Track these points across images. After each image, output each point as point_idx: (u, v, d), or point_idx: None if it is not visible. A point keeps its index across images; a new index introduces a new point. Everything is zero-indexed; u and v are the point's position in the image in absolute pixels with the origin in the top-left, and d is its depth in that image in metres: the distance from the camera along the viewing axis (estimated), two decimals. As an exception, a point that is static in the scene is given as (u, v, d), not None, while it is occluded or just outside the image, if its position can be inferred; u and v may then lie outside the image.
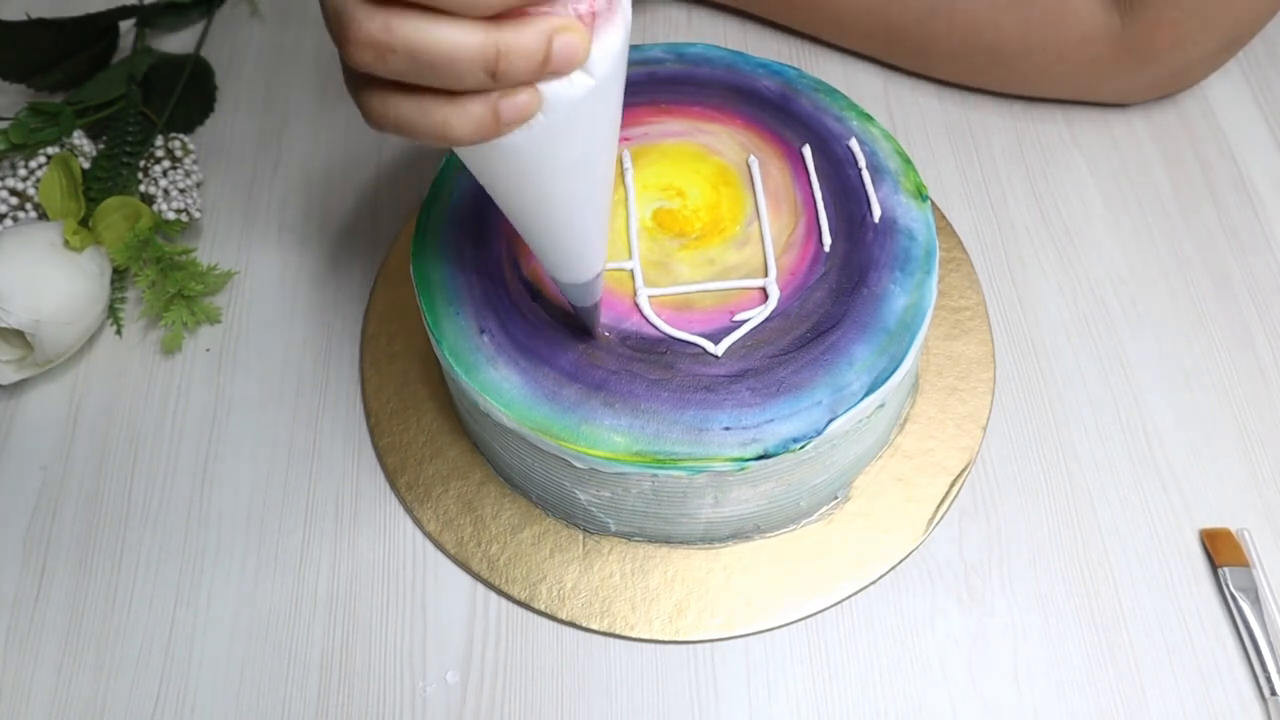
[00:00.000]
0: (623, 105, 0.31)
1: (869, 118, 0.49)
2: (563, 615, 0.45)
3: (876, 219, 0.45)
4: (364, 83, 0.28)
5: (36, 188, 0.53)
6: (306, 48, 0.64)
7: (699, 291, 0.44)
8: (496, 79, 0.26)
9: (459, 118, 0.27)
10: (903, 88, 0.61)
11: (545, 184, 0.31)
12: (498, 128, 0.27)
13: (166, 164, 0.56)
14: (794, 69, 0.51)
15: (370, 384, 0.51)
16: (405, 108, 0.27)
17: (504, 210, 0.33)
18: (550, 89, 0.27)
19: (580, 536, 0.46)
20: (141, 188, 0.55)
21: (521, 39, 0.26)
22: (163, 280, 0.52)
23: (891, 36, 0.59)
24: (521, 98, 0.27)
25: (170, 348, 0.53)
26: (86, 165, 0.55)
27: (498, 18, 0.26)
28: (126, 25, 0.63)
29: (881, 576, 0.46)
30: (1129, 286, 0.54)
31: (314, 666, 0.45)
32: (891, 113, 0.60)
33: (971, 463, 0.48)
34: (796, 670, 0.44)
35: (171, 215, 0.54)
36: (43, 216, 0.54)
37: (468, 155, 0.30)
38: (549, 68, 0.27)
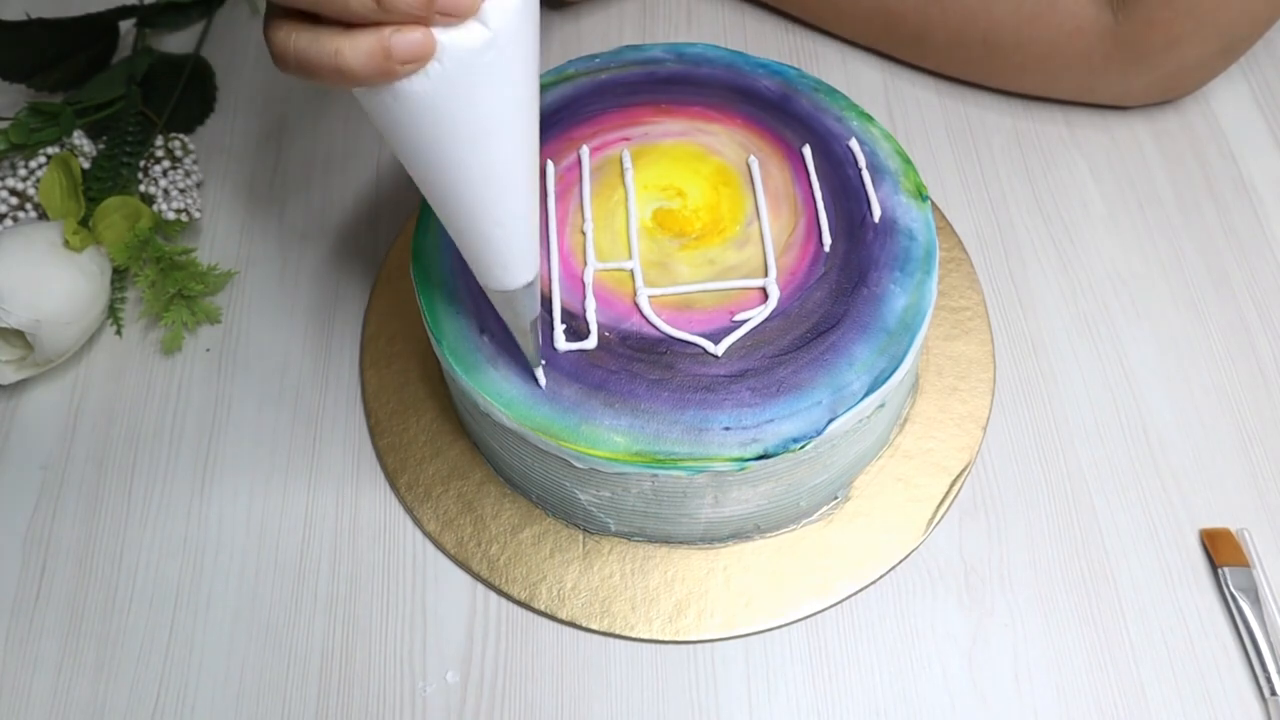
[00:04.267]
0: (536, 84, 0.32)
1: (869, 118, 0.49)
2: (563, 615, 0.45)
3: (876, 219, 0.45)
4: (272, 20, 0.29)
5: (36, 188, 0.53)
6: (306, 48, 0.64)
7: (699, 291, 0.44)
8: (383, 6, 0.27)
9: (351, 49, 0.28)
10: (903, 88, 0.61)
11: (451, 150, 0.31)
12: (390, 64, 0.28)
13: (166, 164, 0.56)
14: (794, 69, 0.51)
15: (370, 384, 0.51)
16: (304, 40, 0.28)
17: (421, 189, 0.33)
18: (445, 37, 0.28)
19: (580, 536, 0.46)
20: (141, 188, 0.55)
21: None
22: (163, 280, 0.52)
23: (889, 23, 0.60)
24: (414, 35, 0.28)
25: (170, 348, 0.53)
26: (86, 165, 0.55)
27: None
28: (126, 25, 0.63)
29: (881, 577, 0.46)
30: (1129, 286, 0.54)
31: (314, 666, 0.45)
32: (891, 113, 0.60)
33: (971, 463, 0.48)
34: (796, 670, 0.44)
35: (171, 215, 0.54)
36: (43, 216, 0.54)
37: (371, 106, 0.30)
38: (437, 6, 0.28)
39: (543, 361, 0.41)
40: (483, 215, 0.33)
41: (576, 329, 0.43)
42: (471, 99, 0.30)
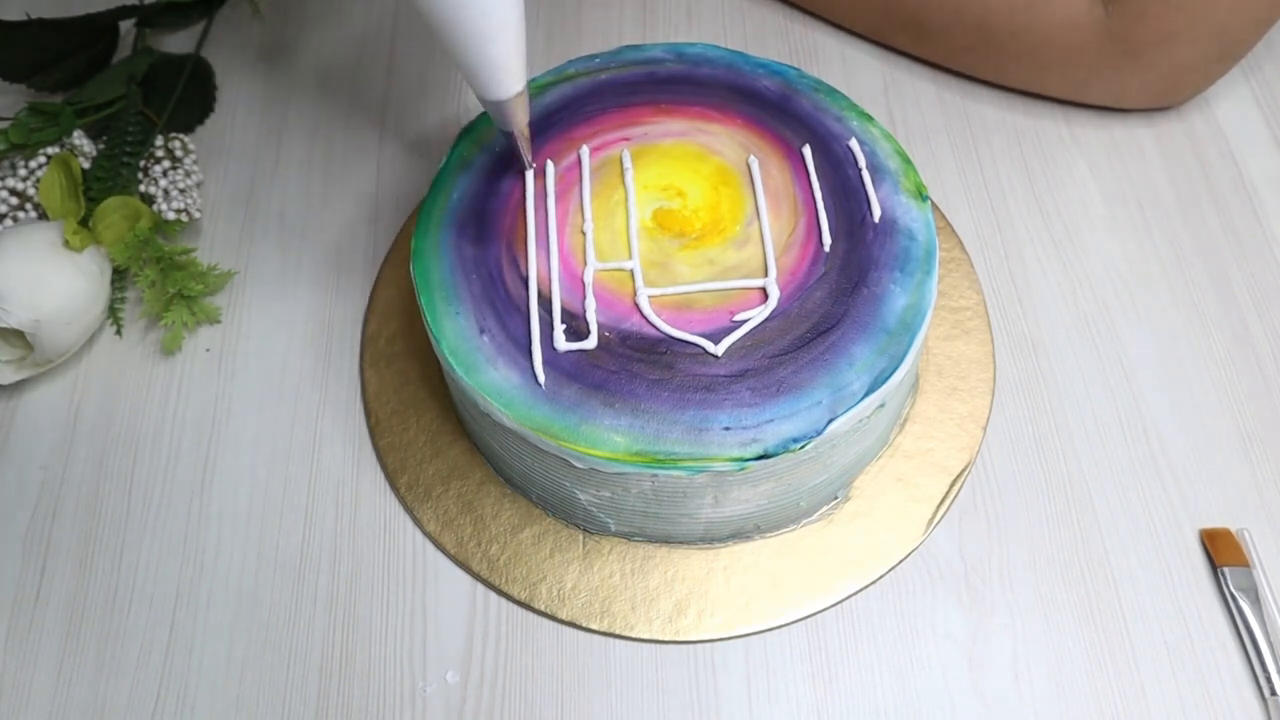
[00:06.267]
0: None
1: (869, 118, 0.49)
2: (563, 615, 0.45)
3: (876, 219, 0.45)
4: None
5: (36, 188, 0.53)
6: (306, 48, 0.64)
7: (699, 291, 0.44)
8: None
9: None
10: (903, 87, 0.61)
11: None
12: None
13: (166, 164, 0.56)
14: (794, 69, 0.51)
15: (370, 384, 0.51)
16: None
17: (423, 14, 0.38)
18: None
19: (580, 536, 0.46)
20: (141, 188, 0.55)
21: None
22: (163, 280, 0.52)
23: (887, 7, 0.60)
24: None
25: (170, 348, 0.53)
26: (86, 165, 0.55)
27: None
28: (126, 25, 0.63)
29: (881, 576, 0.46)
30: (1129, 286, 0.54)
31: (314, 666, 0.45)
32: (891, 112, 0.60)
33: (971, 463, 0.48)
34: (796, 670, 0.44)
35: (171, 215, 0.54)
36: (43, 216, 0.54)
37: None
38: None
39: (533, 165, 0.46)
40: (479, 35, 0.39)
41: (576, 329, 0.43)
42: None
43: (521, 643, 0.45)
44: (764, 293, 0.43)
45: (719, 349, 0.42)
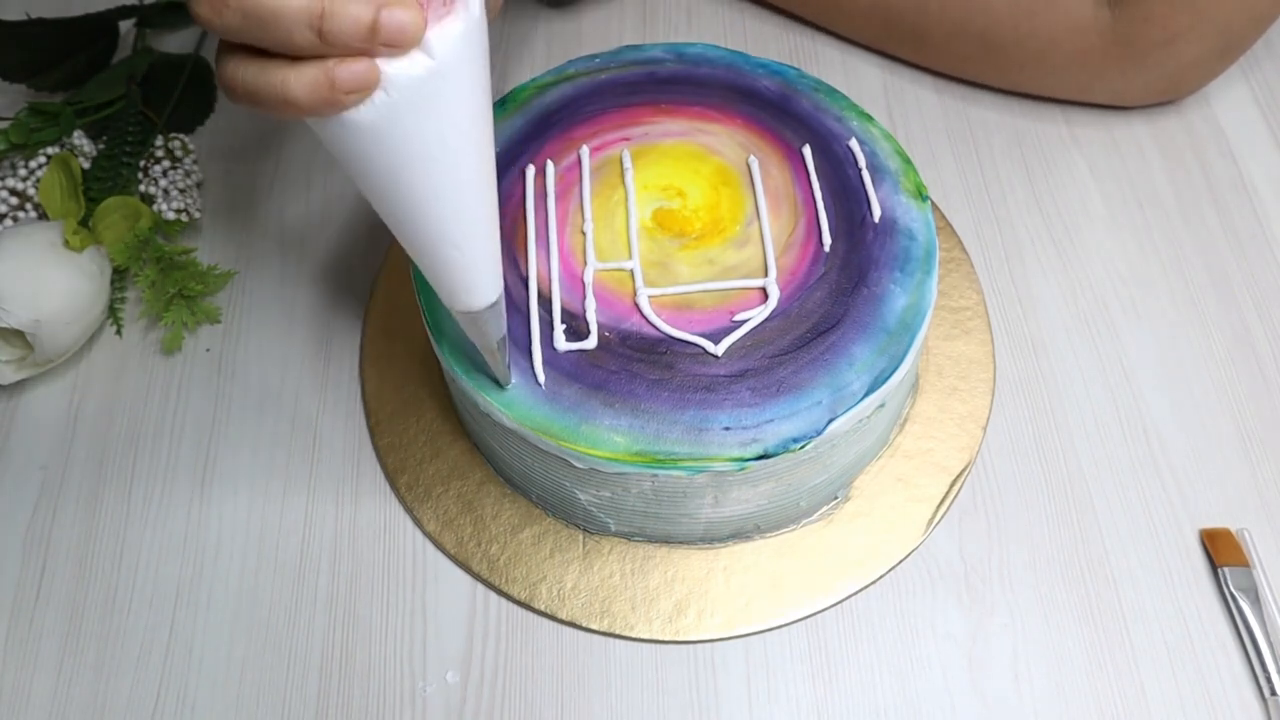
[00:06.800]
0: (489, 108, 0.32)
1: (869, 118, 0.49)
2: (563, 615, 0.45)
3: (876, 219, 0.45)
4: (222, 54, 0.30)
5: (36, 188, 0.53)
6: (306, 48, 0.64)
7: (699, 291, 0.44)
8: (324, 39, 0.28)
9: (297, 80, 0.28)
10: (903, 88, 0.61)
11: (402, 176, 0.31)
12: (334, 95, 0.28)
13: (166, 164, 0.56)
14: (794, 69, 0.51)
15: (370, 384, 0.51)
16: (251, 71, 0.29)
17: (379, 214, 0.34)
18: (390, 67, 0.29)
19: (580, 536, 0.46)
20: (141, 188, 0.55)
21: (348, 3, 0.28)
22: (163, 280, 0.52)
23: (888, 19, 0.60)
24: (358, 66, 0.28)
25: (170, 348, 0.53)
26: (86, 165, 0.55)
27: None
28: (126, 25, 0.63)
29: (881, 576, 0.46)
30: (1129, 286, 0.54)
31: (314, 666, 0.45)
32: (891, 113, 0.60)
33: (971, 463, 0.48)
34: (796, 670, 0.44)
35: (171, 215, 0.54)
36: (43, 216, 0.54)
37: (323, 134, 0.31)
38: (379, 38, 0.28)
39: (513, 380, 0.41)
40: (439, 239, 0.33)
41: (576, 329, 0.43)
42: (419, 127, 0.30)
43: (521, 643, 0.45)
44: (764, 293, 0.43)
45: (719, 349, 0.42)
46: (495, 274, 0.36)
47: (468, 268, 0.35)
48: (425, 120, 0.30)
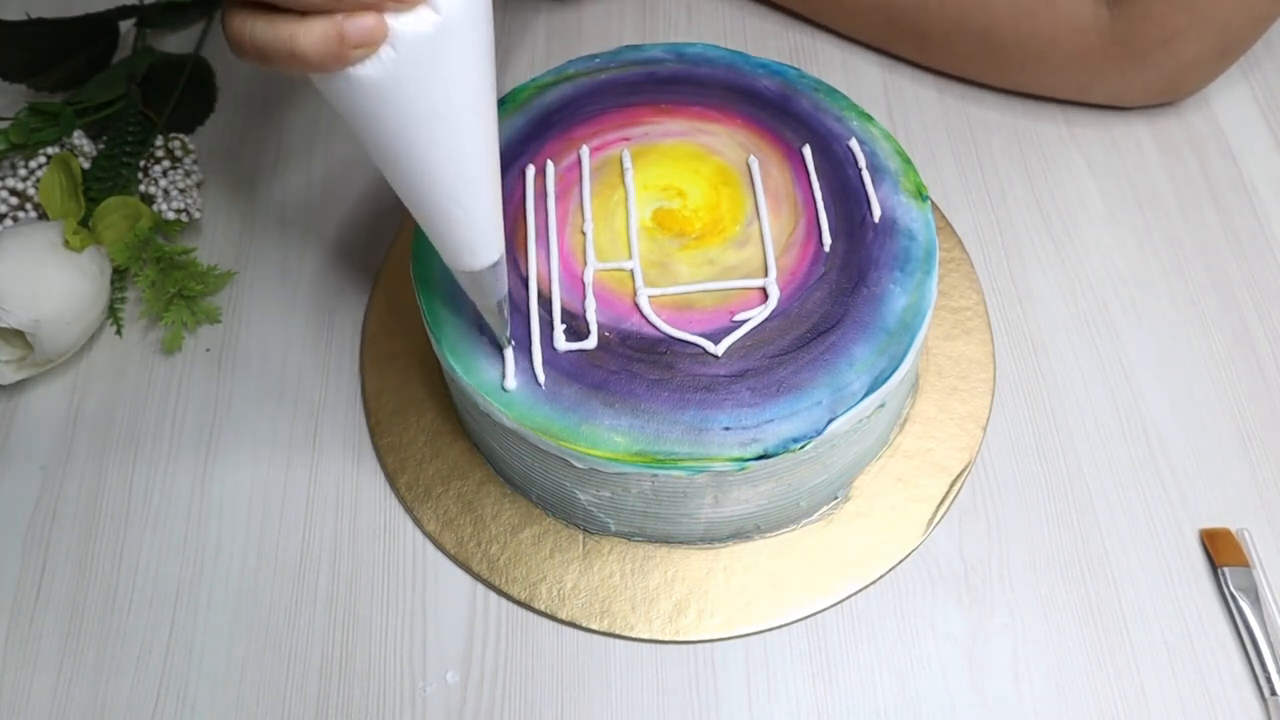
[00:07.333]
0: (492, 67, 0.32)
1: (869, 118, 0.49)
2: (563, 615, 0.45)
3: (876, 219, 0.45)
4: (229, 10, 0.30)
5: (36, 188, 0.53)
6: (306, 48, 0.64)
7: (699, 291, 0.44)
8: None
9: (305, 34, 0.29)
10: (903, 87, 0.61)
11: (407, 133, 0.32)
12: (343, 49, 0.29)
13: (166, 164, 0.56)
14: (794, 69, 0.51)
15: (370, 384, 0.51)
16: (258, 27, 0.29)
17: (383, 172, 0.34)
18: (397, 22, 0.29)
19: (580, 536, 0.46)
20: (141, 188, 0.55)
21: None
22: (163, 280, 0.52)
23: (889, 18, 0.60)
24: (366, 21, 0.29)
25: (170, 348, 0.53)
26: (86, 165, 0.55)
27: None
28: (126, 25, 0.63)
29: (881, 576, 0.46)
30: (1129, 286, 0.54)
31: (314, 666, 0.45)
32: (891, 113, 0.60)
33: (971, 463, 0.48)
34: (796, 670, 0.44)
35: (171, 215, 0.54)
36: (43, 216, 0.54)
37: (328, 91, 0.31)
38: None
39: (511, 341, 0.42)
40: (443, 197, 0.34)
41: (576, 329, 0.43)
42: (424, 83, 0.30)
43: (521, 643, 0.45)
44: (764, 293, 0.43)
45: (719, 349, 0.42)
46: (497, 233, 0.37)
47: (470, 225, 0.35)
48: (431, 77, 0.30)
